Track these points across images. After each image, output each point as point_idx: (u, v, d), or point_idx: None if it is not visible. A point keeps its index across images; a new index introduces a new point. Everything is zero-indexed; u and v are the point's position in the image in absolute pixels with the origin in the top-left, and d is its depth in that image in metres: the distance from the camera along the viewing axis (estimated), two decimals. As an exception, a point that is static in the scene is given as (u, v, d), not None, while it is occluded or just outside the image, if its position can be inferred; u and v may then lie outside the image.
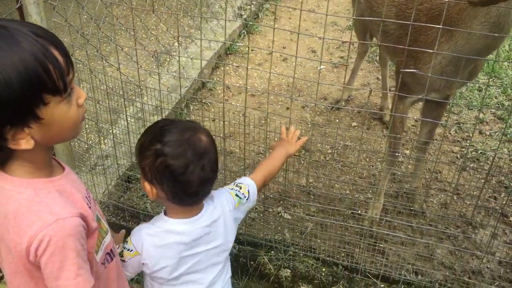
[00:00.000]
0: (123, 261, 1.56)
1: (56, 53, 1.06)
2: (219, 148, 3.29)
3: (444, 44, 2.17)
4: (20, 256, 1.09)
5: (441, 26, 1.62)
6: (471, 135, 3.51)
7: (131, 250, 1.54)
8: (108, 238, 1.32)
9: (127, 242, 1.58)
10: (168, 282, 1.60)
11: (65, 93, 1.08)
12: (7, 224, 1.10)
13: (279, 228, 2.76)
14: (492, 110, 3.71)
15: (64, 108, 1.10)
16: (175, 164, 1.43)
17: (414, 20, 1.87)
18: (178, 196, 1.49)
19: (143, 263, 1.56)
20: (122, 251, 1.57)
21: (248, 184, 1.77)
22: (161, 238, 1.54)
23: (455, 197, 3.01)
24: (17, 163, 1.13)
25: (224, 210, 1.64)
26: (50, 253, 1.07)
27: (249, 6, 4.90)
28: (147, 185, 1.49)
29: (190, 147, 1.45)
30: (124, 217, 2.67)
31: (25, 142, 1.07)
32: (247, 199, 1.73)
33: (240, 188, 1.74)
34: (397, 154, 2.73)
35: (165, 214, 1.59)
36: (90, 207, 1.22)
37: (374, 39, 3.84)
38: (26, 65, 1.01)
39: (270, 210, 2.90)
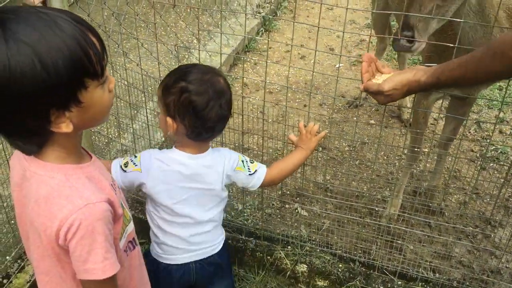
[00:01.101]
0: (125, 171, 1.72)
1: (93, 39, 1.09)
2: (237, 144, 3.32)
3: None
4: (49, 240, 1.12)
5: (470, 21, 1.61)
6: (490, 134, 3.46)
7: (136, 164, 1.71)
8: (131, 226, 1.35)
9: (136, 157, 1.74)
10: (165, 208, 1.76)
11: (102, 77, 1.11)
12: (37, 209, 1.13)
13: (296, 224, 2.76)
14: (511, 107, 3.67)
15: (100, 92, 1.13)
16: (198, 100, 1.59)
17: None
18: (197, 130, 1.65)
19: (141, 183, 1.72)
20: (128, 162, 1.73)
21: (260, 166, 1.87)
22: (166, 164, 1.71)
23: (474, 196, 2.98)
24: (51, 148, 1.15)
25: (224, 161, 1.78)
26: (80, 236, 1.10)
27: (267, 4, 4.91)
28: (169, 120, 1.62)
29: (211, 86, 1.61)
30: (142, 211, 2.69)
31: (65, 126, 1.10)
32: (249, 175, 1.83)
33: (252, 163, 1.86)
34: (418, 150, 2.71)
35: (175, 147, 1.75)
36: (116, 194, 1.25)
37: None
38: (70, 49, 1.03)
39: (287, 206, 2.91)
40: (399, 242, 2.44)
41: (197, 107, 1.60)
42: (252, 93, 3.96)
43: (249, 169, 1.83)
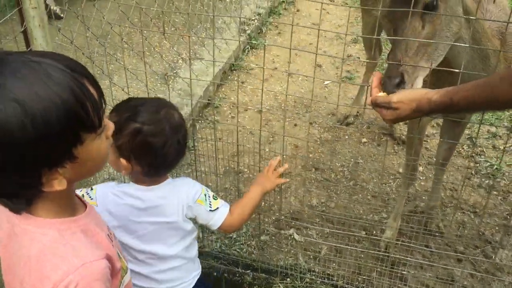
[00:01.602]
0: None
1: (90, 87, 0.99)
2: (227, 168, 3.22)
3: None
4: None
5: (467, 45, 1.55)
6: (484, 150, 3.43)
7: (92, 198, 1.63)
8: (128, 276, 1.25)
9: (92, 189, 1.66)
10: (125, 245, 1.65)
11: (99, 129, 1.02)
12: (29, 267, 1.02)
13: (292, 252, 2.66)
14: (505, 123, 3.64)
15: (97, 143, 1.04)
16: (155, 141, 1.52)
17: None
18: (154, 169, 1.59)
19: None
20: (84, 195, 1.63)
21: (223, 205, 1.74)
22: (119, 198, 1.63)
23: (472, 216, 2.92)
24: (42, 203, 1.05)
25: (184, 191, 1.67)
26: None
27: (252, 21, 4.84)
28: (123, 161, 1.54)
29: (167, 123, 1.54)
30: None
31: (58, 183, 1.00)
32: (210, 211, 1.71)
33: (215, 199, 1.73)
34: (413, 174, 2.64)
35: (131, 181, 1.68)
36: (113, 245, 1.14)
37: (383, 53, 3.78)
38: (65, 103, 0.93)
39: (282, 232, 2.80)
40: (399, 269, 2.35)
41: (154, 149, 1.52)
42: (241, 113, 3.87)
43: (210, 204, 1.70)
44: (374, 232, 2.74)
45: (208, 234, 2.71)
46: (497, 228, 2.85)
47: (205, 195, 1.71)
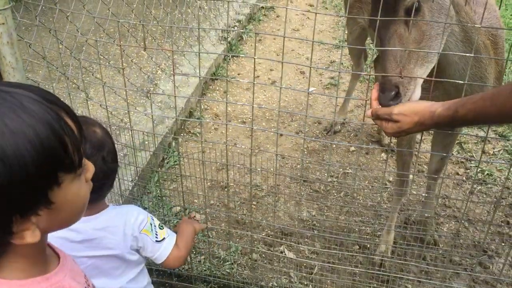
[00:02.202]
0: None
1: (70, 122, 0.86)
2: (213, 183, 3.09)
3: None
4: None
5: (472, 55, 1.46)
6: (474, 155, 3.37)
7: None
8: None
9: None
10: None
11: (79, 168, 0.89)
12: None
13: (285, 270, 2.55)
14: (493, 128, 3.59)
15: (76, 185, 0.89)
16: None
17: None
18: None
19: None
20: None
21: (170, 235, 1.61)
22: (62, 233, 1.44)
23: (466, 224, 2.85)
24: (7, 260, 0.88)
25: (126, 221, 1.53)
26: None
27: (232, 28, 4.72)
28: None
29: (86, 141, 1.39)
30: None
31: (30, 234, 0.84)
32: (156, 242, 1.57)
33: (161, 229, 1.59)
34: (406, 187, 2.56)
35: None
36: None
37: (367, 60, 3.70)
38: (41, 139, 0.80)
39: (272, 249, 2.68)
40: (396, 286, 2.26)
41: None
42: (223, 124, 3.74)
43: (156, 234, 1.57)
44: (368, 245, 2.64)
45: (196, 255, 2.57)
46: (491, 235, 2.79)
47: (151, 224, 1.57)
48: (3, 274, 0.88)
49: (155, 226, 1.57)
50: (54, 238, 1.43)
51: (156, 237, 1.56)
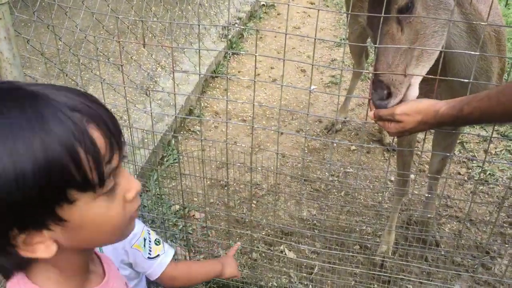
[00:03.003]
0: None
1: (96, 133, 0.75)
2: (213, 181, 3.06)
3: None
4: None
5: (477, 53, 1.43)
6: (476, 155, 3.34)
7: None
8: None
9: None
10: None
11: (100, 187, 0.77)
12: None
13: (285, 270, 2.52)
14: (495, 127, 3.56)
15: (102, 206, 0.79)
16: None
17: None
18: None
19: None
20: None
21: (167, 251, 1.52)
22: None
23: (468, 224, 2.82)
24: (42, 267, 0.83)
25: None
26: None
27: (233, 26, 4.70)
28: None
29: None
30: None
31: (43, 249, 0.77)
32: (148, 258, 1.48)
33: (156, 244, 1.50)
34: (406, 185, 2.53)
35: None
36: None
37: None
38: (47, 151, 0.71)
39: (272, 248, 2.66)
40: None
41: None
42: (223, 122, 3.71)
43: (150, 251, 1.48)
44: (369, 246, 2.61)
45: (195, 255, 2.55)
46: (493, 236, 2.76)
47: (145, 239, 1.49)
48: (38, 282, 0.83)
49: (149, 241, 1.49)
50: None
51: (149, 253, 1.49)
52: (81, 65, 3.29)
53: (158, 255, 1.50)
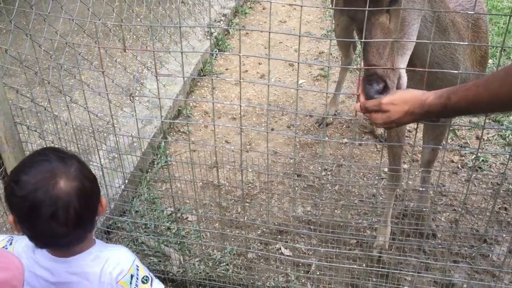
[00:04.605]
0: None
1: None
2: (205, 181, 3.02)
3: None
4: None
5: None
6: (468, 142, 3.33)
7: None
8: None
9: (10, 244, 1.45)
10: None
11: None
12: None
13: (282, 268, 2.50)
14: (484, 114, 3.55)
15: None
16: (20, 205, 1.28)
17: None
18: (34, 241, 1.34)
19: None
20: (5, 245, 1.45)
21: None
22: (31, 267, 1.40)
23: (463, 212, 2.80)
24: None
25: (104, 269, 1.39)
26: None
27: (218, 23, 4.64)
28: (10, 218, 1.34)
29: (39, 191, 1.26)
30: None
31: None
32: None
33: (144, 282, 1.42)
34: (398, 174, 2.51)
35: None
36: None
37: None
38: None
39: (268, 247, 2.63)
40: (394, 284, 2.21)
41: (19, 211, 1.29)
42: (213, 122, 3.67)
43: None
44: (365, 240, 2.59)
45: (190, 258, 2.51)
46: (484, 221, 2.75)
47: (132, 276, 1.41)
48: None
49: (137, 278, 1.42)
50: (34, 276, 1.37)
51: None
52: (64, 71, 3.23)
53: None
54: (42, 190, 1.26)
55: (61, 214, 1.26)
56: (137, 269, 1.43)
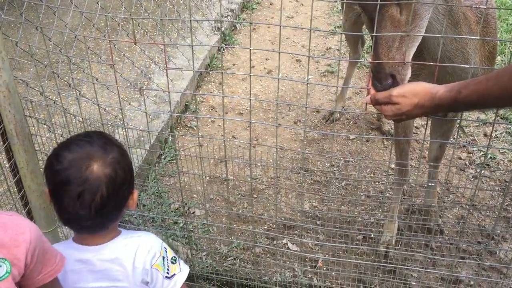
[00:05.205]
0: None
1: None
2: (212, 177, 3.03)
3: None
4: None
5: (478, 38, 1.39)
6: (476, 139, 3.31)
7: None
8: None
9: None
10: None
11: None
12: None
13: (288, 262, 2.50)
14: (494, 110, 3.53)
15: None
16: (53, 179, 1.34)
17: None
18: (63, 220, 1.39)
19: None
20: None
21: (182, 270, 1.50)
22: (71, 265, 1.41)
23: (471, 210, 2.80)
24: None
25: (136, 253, 1.43)
26: None
27: (226, 18, 4.64)
28: (46, 190, 1.40)
29: (72, 169, 1.31)
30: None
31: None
32: (166, 278, 1.46)
33: (173, 263, 1.48)
34: (406, 169, 2.50)
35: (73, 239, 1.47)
36: None
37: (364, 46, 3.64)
38: None
39: (276, 242, 2.64)
40: (401, 280, 2.21)
41: (51, 184, 1.35)
42: (221, 116, 3.67)
43: (168, 270, 1.47)
44: (372, 236, 2.59)
45: (197, 252, 2.52)
46: (492, 218, 2.74)
47: (164, 258, 1.47)
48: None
49: (167, 260, 1.48)
50: (70, 272, 1.39)
51: (167, 273, 1.47)
52: (73, 65, 3.24)
53: (174, 274, 1.48)
54: (75, 168, 1.31)
55: (87, 196, 1.30)
56: (166, 251, 1.48)
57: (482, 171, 3.00)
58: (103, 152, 1.35)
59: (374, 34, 1.43)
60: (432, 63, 1.47)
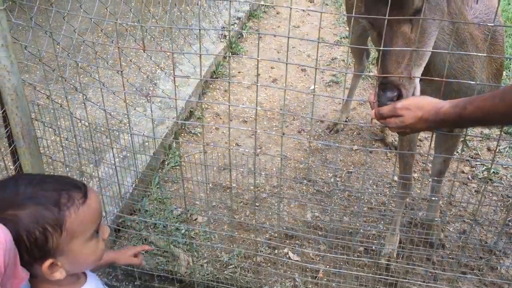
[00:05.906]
0: None
1: None
2: (215, 184, 3.03)
3: None
4: None
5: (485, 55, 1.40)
6: (479, 153, 3.31)
7: None
8: None
9: None
10: None
11: None
12: None
13: (289, 272, 2.50)
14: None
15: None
16: None
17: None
18: None
19: None
20: None
21: None
22: None
23: (473, 224, 2.79)
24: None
25: None
26: None
27: (232, 26, 4.66)
28: None
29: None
30: (117, 276, 2.36)
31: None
32: None
33: None
34: (409, 183, 2.51)
35: None
36: None
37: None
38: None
39: (277, 251, 2.64)
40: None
41: None
42: (225, 123, 3.69)
43: None
44: (374, 248, 2.58)
45: (198, 259, 2.52)
46: (494, 233, 2.74)
47: None
48: None
49: None
50: None
51: None
52: (80, 69, 3.26)
53: None
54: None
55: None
56: None
57: (484, 186, 3.00)
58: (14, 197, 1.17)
59: (381, 48, 1.44)
60: (438, 79, 1.47)
